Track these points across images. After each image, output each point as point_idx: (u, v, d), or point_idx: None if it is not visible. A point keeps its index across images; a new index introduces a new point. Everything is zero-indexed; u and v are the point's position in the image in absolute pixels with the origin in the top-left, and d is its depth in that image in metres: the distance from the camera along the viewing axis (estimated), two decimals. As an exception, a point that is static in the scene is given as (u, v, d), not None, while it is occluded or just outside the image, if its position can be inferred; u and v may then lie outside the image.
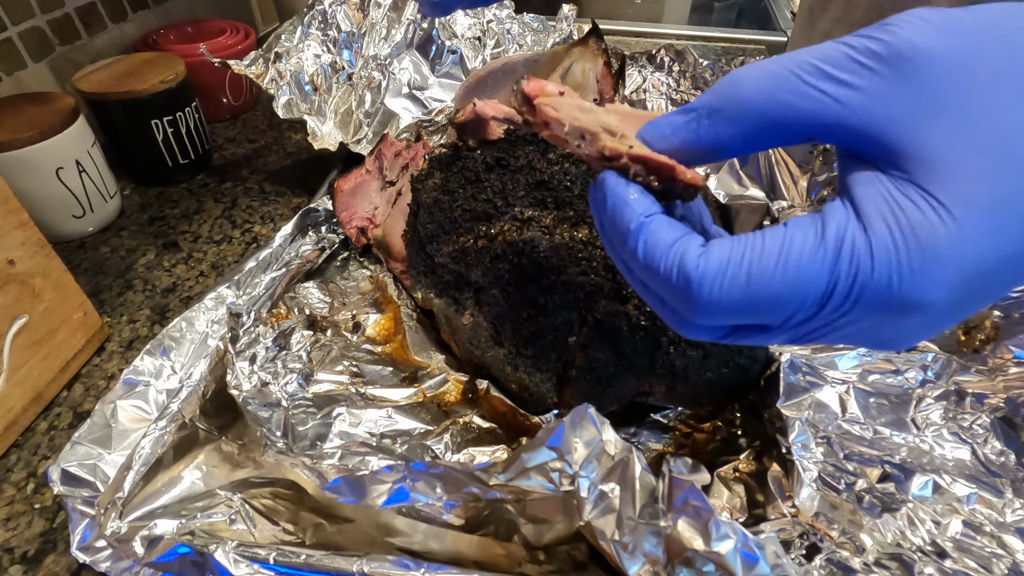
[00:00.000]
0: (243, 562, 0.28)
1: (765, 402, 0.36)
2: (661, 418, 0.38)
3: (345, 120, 0.62)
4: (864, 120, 0.17)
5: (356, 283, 0.48)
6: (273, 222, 0.58)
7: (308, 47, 0.61)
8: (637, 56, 0.60)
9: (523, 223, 0.34)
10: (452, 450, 0.36)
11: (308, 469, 0.30)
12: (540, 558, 0.31)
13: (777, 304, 0.17)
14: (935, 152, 0.16)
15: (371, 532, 0.32)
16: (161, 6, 0.76)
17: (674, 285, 0.19)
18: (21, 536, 0.34)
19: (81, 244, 0.55)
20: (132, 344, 0.46)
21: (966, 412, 0.34)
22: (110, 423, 0.35)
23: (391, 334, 0.44)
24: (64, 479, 0.32)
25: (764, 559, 0.22)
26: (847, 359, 0.37)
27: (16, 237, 0.38)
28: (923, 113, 0.16)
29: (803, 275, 0.17)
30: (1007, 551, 0.29)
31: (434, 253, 0.37)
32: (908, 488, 0.31)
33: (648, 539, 0.24)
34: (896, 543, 0.29)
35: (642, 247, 0.19)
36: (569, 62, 0.48)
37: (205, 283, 0.52)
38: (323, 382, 0.38)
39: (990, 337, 0.37)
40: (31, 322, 0.39)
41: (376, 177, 0.50)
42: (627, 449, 0.24)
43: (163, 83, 0.57)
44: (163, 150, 0.61)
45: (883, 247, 0.16)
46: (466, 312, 0.36)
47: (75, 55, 0.65)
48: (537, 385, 0.35)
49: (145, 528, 0.30)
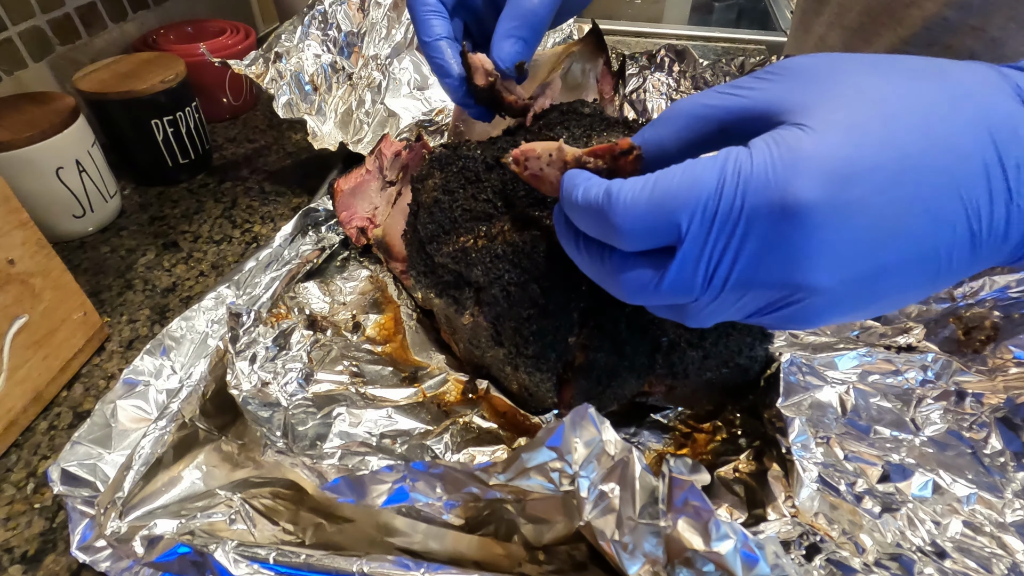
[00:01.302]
0: (243, 562, 0.28)
1: (765, 402, 0.36)
2: (661, 418, 0.38)
3: (345, 120, 0.62)
4: (760, 104, 0.22)
5: (356, 283, 0.48)
6: (273, 222, 0.58)
7: (308, 47, 0.61)
8: (637, 56, 0.60)
9: (523, 223, 0.34)
10: (452, 450, 0.36)
11: (308, 469, 0.30)
12: (540, 558, 0.31)
13: (676, 207, 0.21)
14: (806, 105, 0.21)
15: (371, 532, 0.32)
16: (161, 6, 0.76)
17: (598, 209, 0.22)
18: (21, 536, 0.34)
19: (81, 244, 0.55)
20: (132, 344, 0.46)
21: (966, 412, 0.34)
22: (110, 423, 0.35)
23: (391, 334, 0.44)
24: (64, 479, 0.32)
25: (764, 559, 0.22)
26: (847, 359, 0.37)
27: (16, 237, 0.38)
28: (799, 89, 0.21)
29: (696, 176, 0.21)
30: (1007, 551, 0.29)
31: (434, 253, 0.37)
32: (908, 488, 0.31)
33: (648, 539, 0.24)
34: (896, 543, 0.29)
35: (603, 198, 0.23)
36: (569, 62, 0.48)
37: (205, 283, 0.52)
38: (323, 382, 0.38)
39: (990, 337, 0.37)
40: (31, 322, 0.39)
41: (376, 177, 0.50)
42: (627, 449, 0.24)
43: (163, 83, 0.57)
44: (163, 150, 0.61)
45: (760, 152, 0.20)
46: (466, 312, 0.36)
47: (75, 55, 0.65)
48: (537, 385, 0.35)
49: (145, 528, 0.30)
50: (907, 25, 0.50)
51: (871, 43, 0.53)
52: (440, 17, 0.37)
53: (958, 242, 0.20)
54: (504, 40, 0.35)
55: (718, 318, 0.24)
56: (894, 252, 0.20)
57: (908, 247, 0.20)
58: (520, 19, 0.35)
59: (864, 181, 0.19)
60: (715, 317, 0.24)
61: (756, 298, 0.22)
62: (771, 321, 0.23)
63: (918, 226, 0.19)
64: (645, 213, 0.21)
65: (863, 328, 0.41)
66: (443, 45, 0.37)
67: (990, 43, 0.46)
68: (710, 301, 0.22)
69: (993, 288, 0.38)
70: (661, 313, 0.25)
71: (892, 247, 0.20)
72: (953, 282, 0.23)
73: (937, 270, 0.20)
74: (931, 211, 0.19)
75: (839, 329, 0.41)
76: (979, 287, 0.39)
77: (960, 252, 0.20)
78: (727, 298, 0.22)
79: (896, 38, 0.51)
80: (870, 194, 0.19)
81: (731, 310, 0.23)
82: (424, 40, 0.37)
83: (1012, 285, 0.38)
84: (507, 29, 0.35)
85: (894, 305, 0.22)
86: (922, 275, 0.21)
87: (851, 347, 0.38)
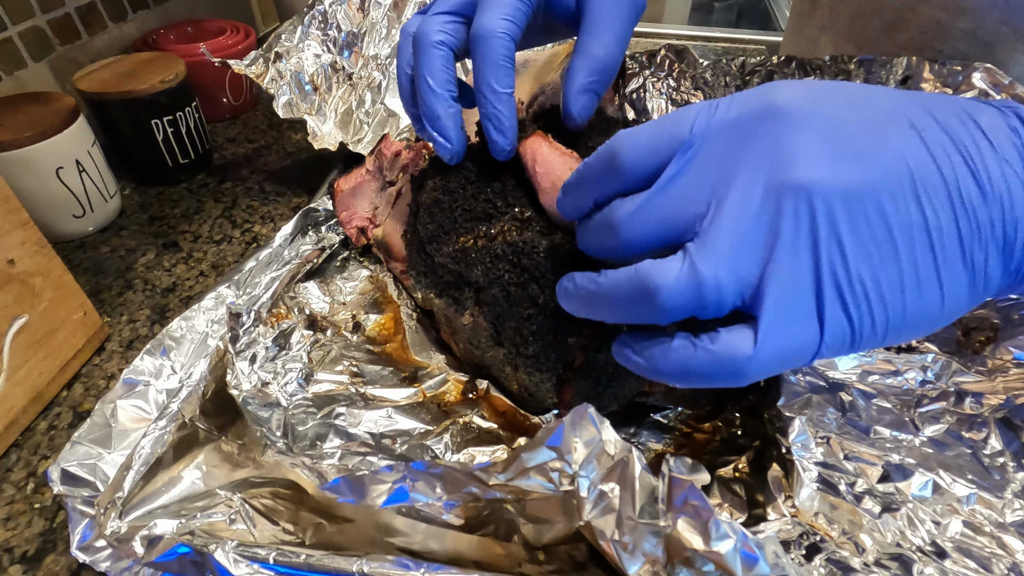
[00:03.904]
0: (243, 562, 0.28)
1: (765, 402, 0.36)
2: (661, 418, 0.38)
3: (345, 120, 0.62)
4: None
5: (356, 283, 0.48)
6: (273, 222, 0.58)
7: (308, 47, 0.61)
8: (637, 56, 0.60)
9: (523, 223, 0.34)
10: (452, 450, 0.36)
11: (308, 469, 0.30)
12: (540, 558, 0.31)
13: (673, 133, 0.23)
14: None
15: (371, 532, 0.32)
16: (161, 6, 0.76)
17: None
18: (21, 536, 0.34)
19: (81, 244, 0.55)
20: (132, 344, 0.46)
21: (966, 412, 0.34)
22: (110, 423, 0.35)
23: (391, 334, 0.44)
24: (64, 479, 0.32)
25: (764, 559, 0.22)
26: (847, 359, 0.37)
27: (16, 237, 0.38)
28: None
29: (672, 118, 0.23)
30: (1007, 551, 0.29)
31: (434, 253, 0.37)
32: (908, 488, 0.31)
33: (648, 539, 0.24)
34: (896, 543, 0.29)
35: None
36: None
37: (205, 283, 0.52)
38: (323, 382, 0.38)
39: (990, 338, 0.37)
40: (31, 322, 0.39)
41: (376, 177, 0.50)
42: (627, 449, 0.24)
43: (163, 83, 0.57)
44: (163, 150, 0.61)
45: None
46: (466, 312, 0.36)
47: (75, 55, 0.65)
48: (537, 385, 0.35)
49: (145, 528, 0.30)
50: (899, 29, 0.50)
51: (862, 47, 0.53)
52: (451, 70, 0.33)
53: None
54: (582, 95, 0.33)
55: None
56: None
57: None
58: (597, 73, 0.32)
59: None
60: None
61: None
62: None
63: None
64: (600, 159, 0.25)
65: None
66: (454, 114, 0.33)
67: (982, 47, 0.46)
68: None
69: (993, 288, 0.38)
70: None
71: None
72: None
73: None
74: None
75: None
76: (979, 287, 0.39)
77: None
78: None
79: (888, 42, 0.51)
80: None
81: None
82: (432, 96, 0.32)
83: (1012, 285, 0.38)
84: (584, 83, 0.32)
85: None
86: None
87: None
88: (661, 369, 0.23)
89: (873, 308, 0.20)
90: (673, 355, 0.23)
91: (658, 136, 0.23)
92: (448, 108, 0.32)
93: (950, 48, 0.47)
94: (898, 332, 0.21)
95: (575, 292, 0.26)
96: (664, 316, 0.22)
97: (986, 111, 0.21)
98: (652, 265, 0.22)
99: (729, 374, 0.21)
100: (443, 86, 0.32)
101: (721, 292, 0.21)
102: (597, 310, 0.25)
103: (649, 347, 0.24)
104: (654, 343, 0.23)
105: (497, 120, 0.32)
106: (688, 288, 0.21)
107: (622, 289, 0.23)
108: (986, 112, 0.21)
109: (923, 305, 0.21)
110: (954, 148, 0.20)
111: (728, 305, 0.21)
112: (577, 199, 0.27)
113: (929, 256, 0.20)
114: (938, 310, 0.21)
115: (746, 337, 0.21)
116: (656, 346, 0.23)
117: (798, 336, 0.21)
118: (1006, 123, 0.21)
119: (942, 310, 0.21)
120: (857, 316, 0.21)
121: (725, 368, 0.21)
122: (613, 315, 0.25)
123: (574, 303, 0.26)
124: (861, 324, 0.21)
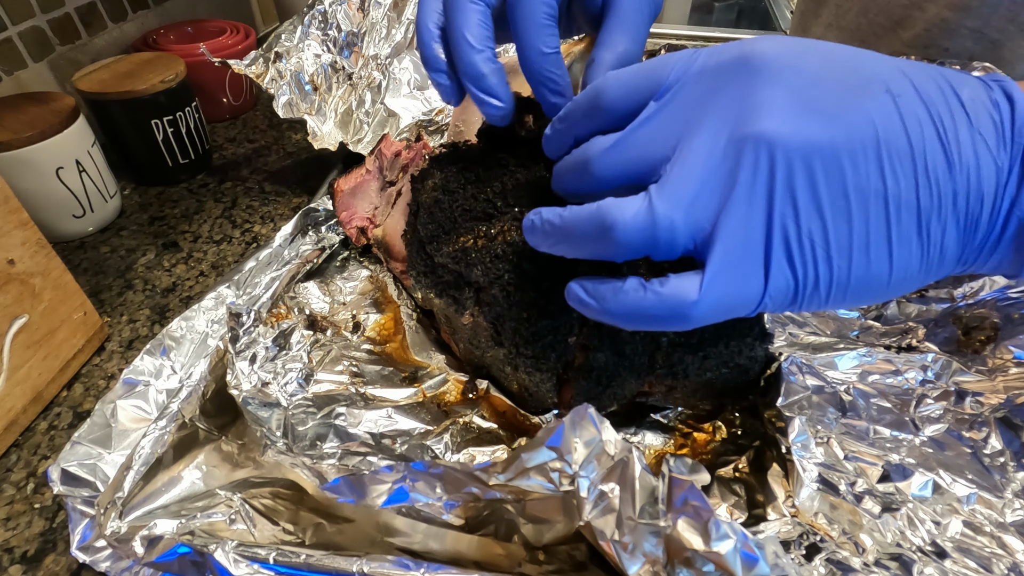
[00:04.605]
0: (243, 562, 0.28)
1: (765, 402, 0.36)
2: (661, 418, 0.38)
3: (345, 120, 0.62)
4: None
5: (356, 283, 0.48)
6: (273, 222, 0.58)
7: (308, 47, 0.61)
8: (637, 56, 0.60)
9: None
10: (452, 450, 0.36)
11: (308, 469, 0.30)
12: (540, 558, 0.31)
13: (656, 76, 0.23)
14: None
15: (371, 532, 0.32)
16: (161, 6, 0.76)
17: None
18: (21, 536, 0.34)
19: (81, 244, 0.55)
20: (132, 344, 0.46)
21: (966, 412, 0.34)
22: (110, 423, 0.35)
23: (391, 334, 0.44)
24: (64, 479, 0.32)
25: (764, 559, 0.22)
26: (847, 359, 0.37)
27: (16, 237, 0.38)
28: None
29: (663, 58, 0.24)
30: (1007, 551, 0.29)
31: (434, 253, 0.37)
32: (908, 488, 0.31)
33: (648, 539, 0.24)
34: (896, 543, 0.29)
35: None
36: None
37: (205, 283, 0.52)
38: (323, 382, 0.38)
39: (990, 337, 0.37)
40: (31, 322, 0.39)
41: (376, 177, 0.50)
42: (627, 449, 0.24)
43: (163, 83, 0.57)
44: (163, 150, 0.61)
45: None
46: (466, 312, 0.36)
47: (75, 55, 0.65)
48: (537, 385, 0.35)
49: (145, 528, 0.30)
50: (905, 27, 0.50)
51: (869, 45, 0.53)
52: (489, 26, 0.31)
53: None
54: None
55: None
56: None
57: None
58: (620, 67, 0.31)
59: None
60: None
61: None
62: None
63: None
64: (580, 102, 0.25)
65: (863, 328, 0.41)
66: (499, 71, 0.31)
67: (988, 45, 0.46)
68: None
69: (993, 288, 0.38)
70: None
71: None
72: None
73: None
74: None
75: (839, 329, 0.41)
76: (979, 287, 0.39)
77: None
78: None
79: (894, 40, 0.51)
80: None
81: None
82: (475, 53, 0.30)
83: (1012, 285, 0.38)
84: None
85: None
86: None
87: (851, 347, 0.38)
88: (610, 310, 0.24)
89: (819, 266, 0.21)
90: (623, 296, 0.23)
91: (640, 78, 0.24)
92: (493, 64, 0.30)
93: (956, 46, 0.47)
94: (842, 293, 0.21)
95: (540, 226, 0.26)
96: (618, 252, 0.23)
97: (970, 83, 0.21)
98: (613, 202, 0.22)
99: (675, 317, 0.22)
100: (483, 43, 0.30)
101: (674, 233, 0.21)
102: (558, 244, 0.25)
103: (602, 289, 0.24)
104: (607, 285, 0.24)
105: (552, 82, 0.30)
106: (643, 226, 0.22)
107: (583, 223, 0.23)
108: (969, 84, 0.21)
109: (870, 271, 0.21)
110: (928, 117, 0.20)
111: (679, 248, 0.22)
112: (561, 134, 0.27)
113: (883, 223, 0.20)
114: (885, 278, 0.21)
115: (693, 283, 0.21)
116: (608, 288, 0.24)
117: (743, 285, 0.21)
118: (988, 96, 0.21)
119: (890, 278, 0.21)
120: (802, 272, 0.21)
121: (671, 311, 0.22)
122: (572, 249, 0.25)
123: (539, 236, 0.26)
124: (805, 280, 0.21)
